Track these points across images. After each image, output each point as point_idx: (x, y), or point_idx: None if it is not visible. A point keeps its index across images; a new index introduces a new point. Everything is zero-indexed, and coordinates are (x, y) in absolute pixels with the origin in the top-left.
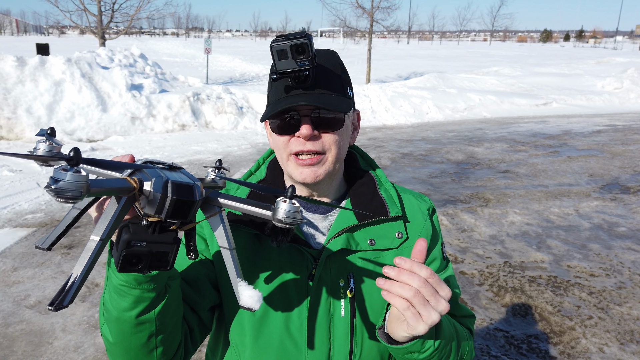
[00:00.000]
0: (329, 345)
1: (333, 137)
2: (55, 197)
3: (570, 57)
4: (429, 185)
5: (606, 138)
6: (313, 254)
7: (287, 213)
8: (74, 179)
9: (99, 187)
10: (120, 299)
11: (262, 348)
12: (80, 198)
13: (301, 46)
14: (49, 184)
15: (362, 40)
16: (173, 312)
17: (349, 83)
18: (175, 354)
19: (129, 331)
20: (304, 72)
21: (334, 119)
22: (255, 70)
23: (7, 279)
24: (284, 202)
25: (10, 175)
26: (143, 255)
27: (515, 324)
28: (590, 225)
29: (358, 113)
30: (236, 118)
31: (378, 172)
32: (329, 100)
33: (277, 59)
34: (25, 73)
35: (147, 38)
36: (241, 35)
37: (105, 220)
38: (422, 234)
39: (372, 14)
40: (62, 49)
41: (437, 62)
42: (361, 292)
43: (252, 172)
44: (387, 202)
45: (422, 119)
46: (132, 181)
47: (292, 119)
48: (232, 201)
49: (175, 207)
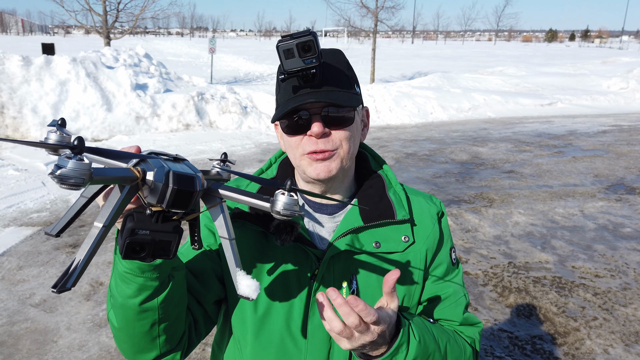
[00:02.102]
0: (329, 346)
1: (344, 134)
2: (58, 183)
3: (576, 57)
4: (433, 185)
5: (611, 138)
6: (317, 254)
7: (285, 205)
8: (77, 166)
9: (103, 176)
10: (124, 286)
11: (263, 345)
12: (82, 185)
13: (307, 44)
14: (53, 170)
15: (367, 40)
16: (176, 302)
17: (356, 80)
18: (178, 343)
19: (133, 318)
20: (312, 69)
21: (344, 116)
22: (260, 70)
23: (13, 278)
24: (283, 195)
25: (16, 175)
26: (146, 244)
27: (519, 324)
28: (595, 226)
29: (367, 110)
30: (240, 118)
31: (388, 174)
32: (337, 96)
33: (284, 59)
34: (31, 72)
35: (151, 38)
36: (245, 35)
37: (108, 208)
38: (429, 239)
39: (376, 13)
40: (67, 49)
41: (441, 62)
42: (364, 294)
43: (263, 170)
44: (395, 205)
45: (426, 119)
46: (136, 171)
47: (302, 118)
48: (233, 192)
49: (176, 196)
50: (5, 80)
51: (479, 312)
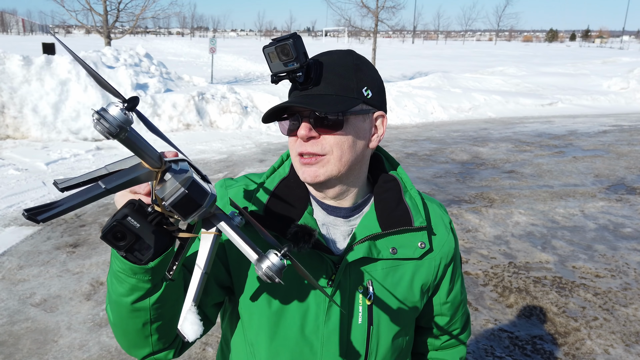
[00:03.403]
0: (344, 351)
1: (333, 139)
2: (96, 122)
3: (576, 56)
4: (434, 185)
5: (612, 138)
6: (334, 259)
7: (270, 267)
8: (120, 116)
9: (135, 140)
10: (118, 284)
11: (278, 349)
12: (114, 135)
13: (285, 47)
14: (99, 110)
15: (367, 40)
16: (171, 304)
17: (366, 83)
18: (172, 342)
19: (126, 315)
20: (297, 73)
21: (333, 120)
22: (260, 69)
23: (13, 277)
24: (275, 255)
25: (16, 174)
26: (129, 234)
27: (519, 324)
28: (595, 226)
29: (383, 115)
30: (241, 117)
31: (403, 177)
32: (324, 100)
33: (269, 62)
34: (32, 72)
35: (152, 37)
36: (246, 34)
37: (120, 177)
38: (444, 247)
39: (377, 13)
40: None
41: (441, 62)
42: (380, 300)
43: (275, 168)
44: (412, 211)
45: (426, 119)
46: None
47: (295, 120)
48: (232, 231)
49: (181, 200)
50: (5, 80)
51: (479, 312)
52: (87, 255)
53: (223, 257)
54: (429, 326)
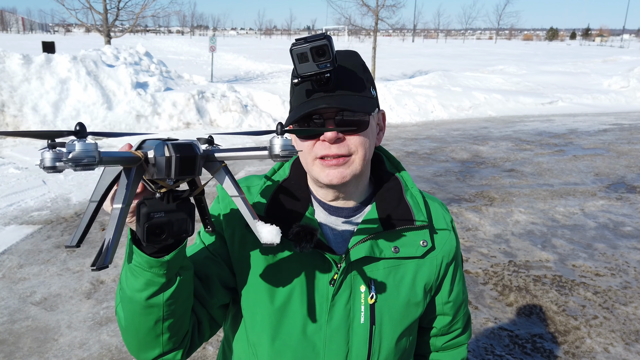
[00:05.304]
0: (346, 351)
1: (358, 139)
2: (73, 167)
3: (577, 55)
4: (434, 184)
5: (612, 137)
6: (336, 259)
7: (283, 147)
8: (85, 147)
9: (110, 157)
10: (133, 279)
11: (280, 349)
12: (95, 164)
13: (321, 48)
14: (65, 156)
15: (367, 38)
16: (182, 301)
17: (371, 83)
18: (181, 342)
19: (139, 312)
20: (325, 74)
21: (359, 121)
22: (260, 68)
23: (13, 276)
24: (277, 138)
25: (16, 173)
26: (164, 225)
27: (519, 323)
28: (595, 225)
29: (383, 113)
30: (241, 116)
31: (404, 176)
32: (352, 101)
33: (297, 63)
34: (31, 71)
35: (152, 36)
36: (246, 33)
37: (122, 189)
38: (445, 246)
39: (377, 12)
40: (67, 47)
41: (442, 61)
42: (382, 299)
43: (275, 170)
44: (413, 209)
45: (426, 118)
46: (138, 153)
47: (315, 123)
48: (230, 152)
49: (181, 164)
50: (5, 78)
51: (479, 311)
52: (87, 254)
53: (226, 257)
54: (430, 326)
